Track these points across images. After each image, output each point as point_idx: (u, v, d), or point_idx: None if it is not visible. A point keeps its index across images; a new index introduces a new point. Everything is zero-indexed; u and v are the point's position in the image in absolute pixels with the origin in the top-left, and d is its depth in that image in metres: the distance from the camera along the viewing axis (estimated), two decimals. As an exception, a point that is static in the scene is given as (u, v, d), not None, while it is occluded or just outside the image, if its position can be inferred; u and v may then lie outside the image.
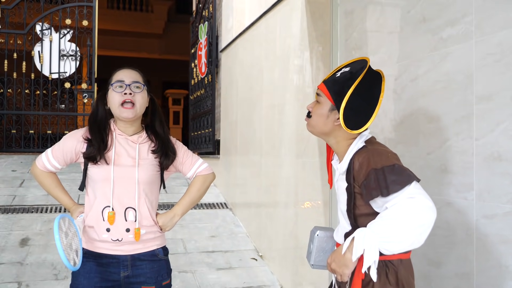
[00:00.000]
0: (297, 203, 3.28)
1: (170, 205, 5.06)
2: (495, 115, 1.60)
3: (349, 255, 1.35)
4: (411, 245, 1.30)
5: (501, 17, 1.58)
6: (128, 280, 1.80)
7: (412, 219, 1.26)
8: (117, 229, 1.77)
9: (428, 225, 1.28)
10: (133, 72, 1.83)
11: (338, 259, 1.38)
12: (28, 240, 4.00)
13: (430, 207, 1.28)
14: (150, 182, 1.83)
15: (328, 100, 1.51)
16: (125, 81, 1.78)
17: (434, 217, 1.28)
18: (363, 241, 1.32)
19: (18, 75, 6.96)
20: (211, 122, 5.91)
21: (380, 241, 1.30)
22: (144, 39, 14.13)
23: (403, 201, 1.30)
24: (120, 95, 1.76)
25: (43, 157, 1.88)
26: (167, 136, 1.89)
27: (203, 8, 6.33)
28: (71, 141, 1.83)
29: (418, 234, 1.28)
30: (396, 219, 1.28)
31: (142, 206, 1.80)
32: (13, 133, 6.93)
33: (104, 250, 1.79)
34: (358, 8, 2.48)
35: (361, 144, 1.48)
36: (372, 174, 1.36)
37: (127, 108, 1.76)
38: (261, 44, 4.10)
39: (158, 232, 1.87)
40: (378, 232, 1.30)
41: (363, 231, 1.34)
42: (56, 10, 7.02)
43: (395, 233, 1.28)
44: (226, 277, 3.69)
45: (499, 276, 1.58)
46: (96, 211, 1.78)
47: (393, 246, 1.31)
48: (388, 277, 1.41)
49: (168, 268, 1.90)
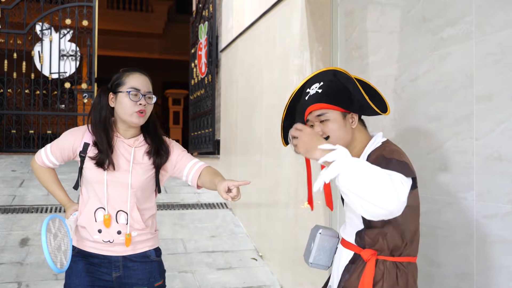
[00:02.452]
0: (297, 203, 3.27)
1: (170, 205, 5.06)
2: (495, 115, 1.60)
3: (319, 153, 1.31)
4: (353, 195, 1.25)
5: (501, 17, 1.58)
6: (120, 281, 1.81)
7: (382, 187, 1.22)
8: (108, 231, 1.77)
9: (381, 205, 1.22)
10: (146, 80, 1.81)
11: (313, 142, 1.33)
12: (28, 240, 4.00)
13: (400, 202, 1.23)
14: (143, 187, 1.81)
15: (335, 111, 1.50)
16: (141, 90, 1.76)
17: (392, 207, 1.22)
18: (339, 157, 1.28)
19: (18, 75, 6.96)
20: (211, 122, 5.91)
21: (346, 169, 1.25)
22: (144, 39, 14.12)
23: (394, 175, 1.27)
24: (135, 104, 1.75)
25: (42, 153, 1.88)
26: (160, 136, 1.87)
27: (203, 8, 6.33)
28: (69, 139, 1.83)
29: (368, 197, 1.22)
30: (374, 173, 1.24)
31: (133, 210, 1.79)
32: (13, 133, 6.93)
33: (96, 250, 1.79)
34: (358, 8, 2.47)
35: (378, 143, 1.50)
36: (380, 158, 1.38)
37: (140, 116, 1.76)
38: (261, 44, 4.10)
39: (150, 234, 1.86)
40: (353, 164, 1.26)
41: (347, 154, 1.30)
42: (56, 10, 7.02)
43: (360, 177, 1.23)
44: (226, 277, 3.69)
45: (499, 276, 1.58)
46: (88, 211, 1.78)
47: (346, 181, 1.25)
48: (398, 279, 1.41)
49: (161, 269, 1.89)
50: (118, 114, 1.78)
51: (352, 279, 1.46)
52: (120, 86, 1.78)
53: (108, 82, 1.85)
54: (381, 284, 1.40)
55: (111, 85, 1.81)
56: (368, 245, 1.46)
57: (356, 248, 1.49)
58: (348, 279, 1.47)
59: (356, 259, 1.48)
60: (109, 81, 1.85)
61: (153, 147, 1.83)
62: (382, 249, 1.43)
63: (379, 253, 1.44)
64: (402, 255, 1.43)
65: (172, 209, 5.00)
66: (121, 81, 1.78)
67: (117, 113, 1.79)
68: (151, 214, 1.88)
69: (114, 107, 1.79)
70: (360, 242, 1.48)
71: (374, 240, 1.44)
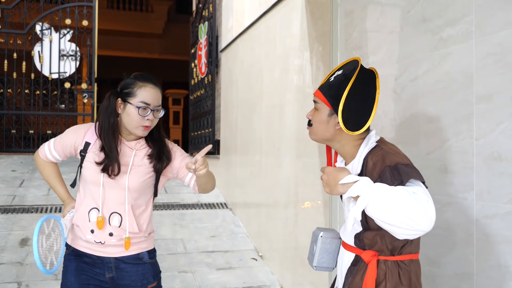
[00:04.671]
0: (297, 203, 3.28)
1: (170, 205, 5.07)
2: (495, 115, 1.60)
3: (341, 189, 1.33)
4: (386, 224, 1.26)
5: (501, 17, 1.58)
6: (113, 282, 1.81)
7: (410, 210, 1.22)
8: (100, 232, 1.77)
9: (413, 227, 1.23)
10: (158, 93, 1.77)
11: (333, 180, 1.35)
12: (28, 240, 4.00)
13: (431, 220, 1.24)
14: (140, 189, 1.81)
15: (325, 105, 1.50)
16: (151, 105, 1.74)
17: (424, 228, 1.23)
18: (362, 190, 1.29)
19: (18, 75, 6.96)
20: (211, 122, 5.91)
21: (372, 201, 1.26)
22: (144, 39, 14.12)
23: (418, 192, 1.27)
24: (142, 118, 1.73)
25: (45, 147, 1.90)
26: (163, 139, 1.86)
27: (203, 8, 6.33)
28: (72, 136, 1.84)
29: (399, 223, 1.23)
30: (400, 197, 1.24)
31: (128, 213, 1.79)
32: (13, 133, 6.93)
33: (89, 250, 1.80)
34: (358, 8, 2.47)
35: (372, 144, 1.47)
36: (387, 171, 1.35)
37: (144, 129, 1.76)
38: (261, 44, 4.10)
39: (144, 237, 1.86)
40: (377, 193, 1.26)
41: (369, 184, 1.30)
42: (56, 10, 7.02)
43: (388, 205, 1.24)
44: (226, 277, 3.69)
45: (499, 276, 1.58)
46: (83, 210, 1.79)
47: (375, 212, 1.26)
48: (401, 277, 1.40)
49: (155, 271, 1.88)
50: (124, 122, 1.77)
51: (355, 281, 1.46)
52: (131, 97, 1.74)
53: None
54: (384, 284, 1.40)
55: (120, 90, 1.78)
56: (367, 247, 1.45)
57: (357, 250, 1.49)
58: (352, 281, 1.47)
59: (358, 261, 1.48)
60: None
61: (155, 150, 1.83)
62: (381, 250, 1.43)
63: (380, 253, 1.43)
64: (403, 253, 1.43)
65: (172, 209, 5.00)
66: (132, 91, 1.74)
67: (123, 121, 1.77)
68: (146, 218, 1.87)
69: (121, 113, 1.77)
70: (359, 244, 1.48)
71: (373, 241, 1.43)
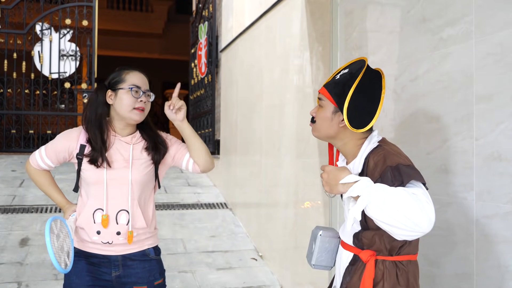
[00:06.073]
0: (297, 203, 3.28)
1: (170, 205, 5.07)
2: (495, 115, 1.60)
3: (342, 188, 1.34)
4: (386, 224, 1.27)
5: (501, 17, 1.58)
6: (119, 280, 1.81)
7: (410, 211, 1.23)
8: (107, 232, 1.77)
9: (412, 228, 1.24)
10: (145, 78, 1.84)
11: (334, 179, 1.37)
12: (28, 240, 4.00)
13: (431, 221, 1.25)
14: (144, 182, 1.82)
15: (330, 103, 1.51)
16: (141, 88, 1.80)
17: (424, 229, 1.24)
18: (362, 191, 1.30)
19: (18, 75, 6.96)
20: (211, 122, 5.91)
21: (372, 201, 1.27)
22: (144, 39, 14.12)
23: (418, 193, 1.28)
24: (136, 100, 1.77)
25: (36, 155, 1.86)
26: (155, 131, 1.90)
27: (203, 8, 6.33)
28: (64, 142, 1.82)
29: (399, 224, 1.24)
30: (400, 198, 1.24)
31: (135, 208, 1.80)
32: (13, 133, 6.93)
33: (95, 250, 1.80)
34: (358, 8, 2.48)
35: (374, 144, 1.48)
36: (388, 171, 1.35)
37: (140, 112, 1.78)
38: (261, 44, 4.10)
39: (149, 233, 1.87)
40: (378, 194, 1.27)
41: (369, 184, 1.31)
42: (56, 10, 7.02)
43: (387, 206, 1.24)
44: (226, 277, 3.69)
45: (499, 276, 1.58)
46: (87, 213, 1.78)
47: (375, 212, 1.27)
48: (399, 278, 1.40)
49: (160, 268, 1.89)
50: (117, 111, 1.78)
51: (353, 280, 1.46)
52: (120, 83, 1.79)
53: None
54: (382, 284, 1.40)
55: (109, 83, 1.82)
56: (366, 246, 1.45)
57: (355, 249, 1.49)
58: (350, 281, 1.47)
59: (356, 261, 1.48)
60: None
61: (151, 142, 1.85)
62: (380, 250, 1.43)
63: (378, 253, 1.43)
64: (401, 254, 1.43)
65: (172, 209, 5.00)
66: (120, 79, 1.80)
67: (116, 110, 1.79)
68: (151, 211, 1.88)
69: (112, 104, 1.80)
70: (358, 243, 1.48)
71: (372, 241, 1.43)
